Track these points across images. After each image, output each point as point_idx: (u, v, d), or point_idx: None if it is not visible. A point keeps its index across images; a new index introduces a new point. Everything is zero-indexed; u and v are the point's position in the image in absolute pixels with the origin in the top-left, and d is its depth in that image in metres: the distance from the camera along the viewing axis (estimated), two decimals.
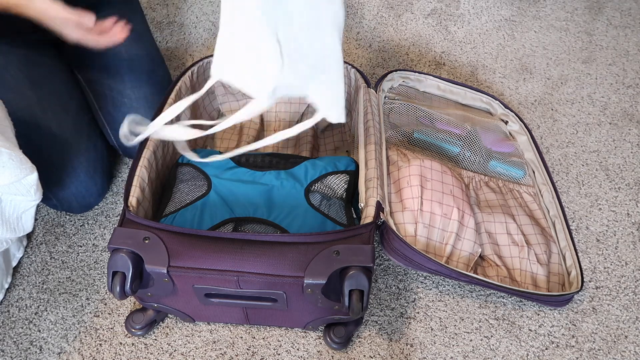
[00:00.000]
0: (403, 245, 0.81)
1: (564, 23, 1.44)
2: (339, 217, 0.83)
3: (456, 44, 1.38)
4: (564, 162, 1.13)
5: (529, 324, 0.89)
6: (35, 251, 0.97)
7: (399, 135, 1.03)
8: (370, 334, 0.88)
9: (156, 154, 0.87)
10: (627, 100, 1.25)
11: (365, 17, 1.44)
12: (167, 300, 0.79)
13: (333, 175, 0.87)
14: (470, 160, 1.04)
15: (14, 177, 0.72)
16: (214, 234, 0.73)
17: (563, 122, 1.20)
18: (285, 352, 0.85)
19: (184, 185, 0.87)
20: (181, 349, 0.86)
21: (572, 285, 0.89)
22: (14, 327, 0.88)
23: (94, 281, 0.94)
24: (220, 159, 0.84)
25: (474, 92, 1.16)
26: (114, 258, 0.70)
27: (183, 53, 1.33)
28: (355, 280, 0.68)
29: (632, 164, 1.12)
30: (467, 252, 0.89)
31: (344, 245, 0.71)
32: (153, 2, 1.47)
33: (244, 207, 0.83)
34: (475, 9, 1.47)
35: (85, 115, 1.00)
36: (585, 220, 1.03)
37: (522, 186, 1.04)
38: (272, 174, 0.87)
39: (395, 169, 0.94)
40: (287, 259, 0.70)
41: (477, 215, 0.94)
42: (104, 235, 0.99)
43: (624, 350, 0.87)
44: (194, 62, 1.01)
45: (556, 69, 1.32)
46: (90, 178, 0.96)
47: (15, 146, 0.75)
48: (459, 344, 0.87)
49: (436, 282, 0.94)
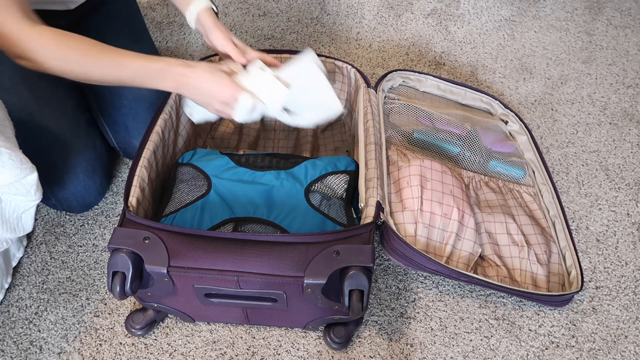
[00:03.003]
0: (403, 245, 0.81)
1: (564, 23, 1.44)
2: (339, 217, 0.83)
3: (456, 44, 1.38)
4: (564, 162, 1.13)
5: (529, 324, 0.89)
6: (35, 251, 0.97)
7: (399, 135, 1.03)
8: (370, 334, 0.88)
9: (156, 154, 0.87)
10: (627, 100, 1.25)
11: (365, 17, 1.44)
12: (167, 300, 0.79)
13: (333, 175, 0.87)
14: (470, 160, 1.04)
15: (14, 177, 0.72)
16: (214, 234, 0.73)
17: (563, 122, 1.20)
18: (285, 352, 0.85)
19: (184, 185, 0.87)
20: (181, 349, 0.86)
21: (572, 285, 0.89)
22: (14, 327, 0.88)
23: (94, 281, 0.94)
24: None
25: (474, 92, 1.16)
26: (114, 258, 0.70)
27: (183, 53, 1.33)
28: (355, 280, 0.68)
29: (632, 164, 1.12)
30: (467, 252, 0.89)
31: (344, 245, 0.71)
32: (153, 2, 1.47)
33: (244, 207, 0.83)
34: (475, 9, 1.47)
35: (83, 114, 0.99)
36: (585, 220, 1.03)
37: (522, 186, 1.04)
38: (272, 174, 0.87)
39: (395, 169, 0.94)
40: (287, 259, 0.70)
41: (477, 215, 0.94)
42: (104, 235, 0.99)
43: (624, 350, 0.87)
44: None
45: (556, 69, 1.32)
46: (89, 177, 0.96)
47: (15, 146, 0.75)
48: (459, 344, 0.87)
49: (436, 282, 0.94)
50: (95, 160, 0.97)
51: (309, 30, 1.40)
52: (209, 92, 0.81)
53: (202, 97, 0.82)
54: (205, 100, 0.82)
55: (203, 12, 0.88)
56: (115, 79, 0.78)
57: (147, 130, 0.87)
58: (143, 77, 0.79)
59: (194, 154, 0.92)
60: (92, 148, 0.97)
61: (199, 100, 0.83)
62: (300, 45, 1.36)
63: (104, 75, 0.78)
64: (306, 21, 1.43)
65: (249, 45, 1.33)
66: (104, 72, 0.77)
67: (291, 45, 1.36)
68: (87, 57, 0.75)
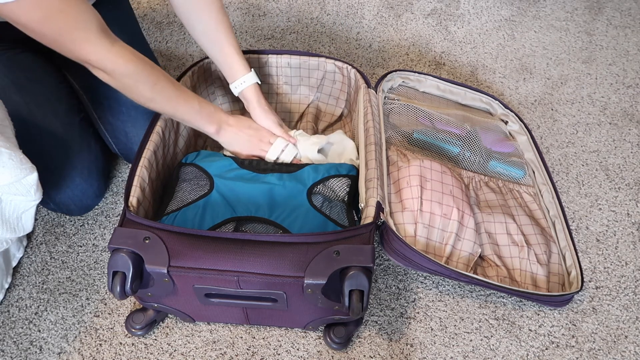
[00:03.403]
0: (403, 246, 0.81)
1: (564, 23, 1.44)
2: (341, 219, 0.83)
3: (456, 44, 1.38)
4: (564, 162, 1.13)
5: (529, 324, 0.89)
6: (35, 251, 0.97)
7: (399, 135, 1.03)
8: (370, 334, 0.88)
9: (156, 154, 0.87)
10: (627, 100, 1.25)
11: (365, 17, 1.44)
12: (167, 300, 0.79)
13: (335, 178, 0.88)
14: (470, 161, 1.04)
15: (14, 177, 0.72)
16: (215, 234, 0.73)
17: (563, 122, 1.20)
18: (285, 352, 0.85)
19: (187, 184, 0.87)
20: (181, 349, 0.86)
21: (572, 285, 0.89)
22: (14, 327, 0.88)
23: (94, 281, 0.94)
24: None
25: (474, 92, 1.16)
26: (114, 258, 0.70)
27: (183, 53, 1.33)
28: (355, 280, 0.68)
29: (632, 164, 1.12)
30: (466, 253, 0.89)
31: (344, 245, 0.71)
32: (153, 2, 1.47)
33: (246, 206, 0.83)
34: (475, 9, 1.47)
35: (75, 117, 0.98)
36: (585, 220, 1.03)
37: (522, 186, 1.04)
38: (275, 175, 0.88)
39: (395, 169, 0.94)
40: (287, 259, 0.70)
41: (477, 216, 0.94)
42: (104, 235, 0.99)
43: (624, 350, 0.87)
44: (194, 62, 1.01)
45: (556, 69, 1.32)
46: (85, 180, 0.95)
47: (15, 146, 0.75)
48: (459, 344, 0.87)
49: (436, 282, 0.94)
50: (90, 163, 0.96)
51: (309, 30, 1.40)
52: (247, 136, 0.94)
53: (237, 143, 0.94)
54: (240, 146, 0.94)
55: (247, 90, 0.96)
56: (171, 111, 0.87)
57: (148, 130, 0.87)
58: (195, 117, 0.88)
59: (198, 155, 0.92)
60: (87, 151, 0.96)
61: (235, 145, 0.94)
62: (300, 46, 1.36)
63: (166, 105, 0.85)
64: (306, 21, 1.43)
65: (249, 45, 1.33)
66: (167, 101, 0.84)
67: (291, 45, 1.36)
68: (157, 84, 0.82)
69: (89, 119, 1.02)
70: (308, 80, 1.09)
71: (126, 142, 1.01)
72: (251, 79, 0.95)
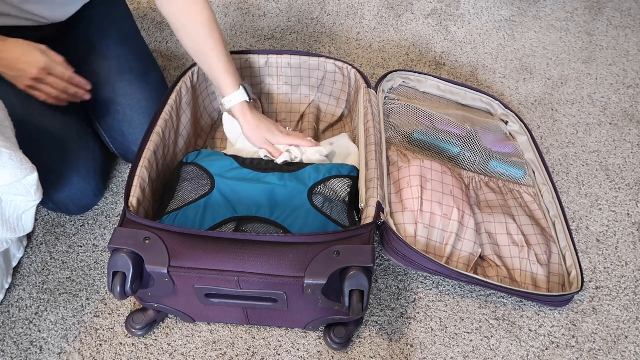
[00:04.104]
0: (403, 246, 0.81)
1: (564, 23, 1.44)
2: (341, 219, 0.83)
3: (456, 44, 1.38)
4: (564, 162, 1.13)
5: (529, 324, 0.89)
6: (35, 251, 0.97)
7: (399, 135, 1.03)
8: (370, 334, 0.88)
9: (156, 154, 0.87)
10: (627, 100, 1.25)
11: (365, 17, 1.44)
12: (167, 300, 0.79)
13: (336, 179, 0.88)
14: (470, 161, 1.04)
15: (14, 177, 0.72)
16: (215, 234, 0.73)
17: (563, 122, 1.20)
18: (285, 352, 0.85)
19: (187, 183, 0.87)
20: (181, 349, 0.86)
21: (572, 285, 0.89)
22: (14, 327, 0.88)
23: (94, 281, 0.94)
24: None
25: (474, 92, 1.16)
26: (114, 258, 0.70)
27: (183, 53, 1.33)
28: (355, 280, 0.68)
29: (632, 164, 1.12)
30: (467, 252, 0.89)
31: (344, 245, 0.71)
32: (153, 2, 1.47)
33: (247, 206, 0.83)
34: (475, 9, 1.47)
35: (73, 116, 0.98)
36: (585, 220, 1.03)
37: (522, 186, 1.04)
38: (276, 175, 0.88)
39: (395, 169, 0.94)
40: (288, 259, 0.70)
41: (477, 216, 0.94)
42: (104, 235, 0.99)
43: (624, 350, 0.87)
44: (194, 62, 1.01)
45: (556, 69, 1.32)
46: (83, 179, 0.95)
47: (16, 146, 0.75)
48: (459, 344, 0.87)
49: (436, 282, 0.94)
50: (88, 162, 0.96)
51: (309, 30, 1.40)
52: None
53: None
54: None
55: (234, 108, 0.95)
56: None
57: (148, 130, 0.87)
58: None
59: (199, 154, 0.92)
60: (85, 150, 0.96)
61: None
62: (300, 46, 1.36)
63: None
64: (306, 21, 1.43)
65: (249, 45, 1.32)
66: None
67: (291, 45, 1.37)
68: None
69: (87, 118, 1.02)
70: (308, 80, 1.09)
71: (123, 142, 1.01)
72: (238, 97, 0.93)
